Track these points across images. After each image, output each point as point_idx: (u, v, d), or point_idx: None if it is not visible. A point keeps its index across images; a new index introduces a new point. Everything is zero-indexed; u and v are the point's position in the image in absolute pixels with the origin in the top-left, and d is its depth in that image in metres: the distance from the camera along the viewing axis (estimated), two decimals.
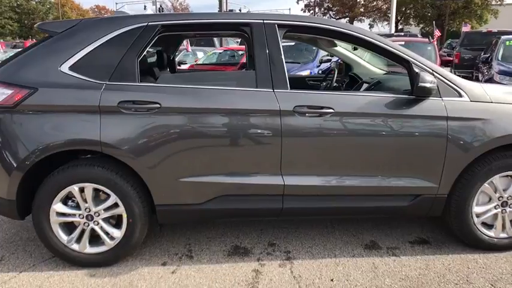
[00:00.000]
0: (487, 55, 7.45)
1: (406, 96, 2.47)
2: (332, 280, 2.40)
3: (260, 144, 2.41)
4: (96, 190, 2.43)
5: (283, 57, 2.45)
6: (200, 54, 11.91)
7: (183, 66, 9.71)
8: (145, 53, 2.60)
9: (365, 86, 3.22)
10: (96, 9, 54.76)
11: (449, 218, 2.69)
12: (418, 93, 2.37)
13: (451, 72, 9.06)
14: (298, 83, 3.98)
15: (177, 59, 10.61)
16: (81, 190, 2.41)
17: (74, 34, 2.42)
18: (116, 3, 39.94)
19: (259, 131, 2.39)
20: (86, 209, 2.44)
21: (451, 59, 8.10)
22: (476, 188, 2.56)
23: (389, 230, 3.01)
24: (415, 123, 2.46)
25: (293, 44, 9.37)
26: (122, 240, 2.49)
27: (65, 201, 2.46)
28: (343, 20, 44.30)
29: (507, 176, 2.60)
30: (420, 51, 7.45)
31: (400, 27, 45.75)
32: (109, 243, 2.49)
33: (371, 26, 45.69)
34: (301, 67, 8.14)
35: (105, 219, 2.49)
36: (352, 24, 42.39)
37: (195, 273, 2.48)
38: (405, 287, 2.34)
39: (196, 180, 2.43)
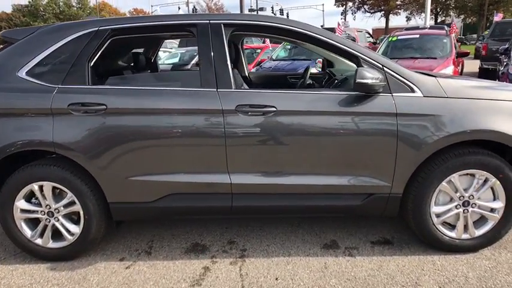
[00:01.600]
0: (506, 46, 7.00)
1: (355, 93, 2.40)
2: (277, 279, 2.40)
3: (205, 144, 2.45)
4: (55, 188, 2.57)
5: (228, 56, 2.47)
6: None
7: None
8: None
9: (335, 82, 3.17)
10: (134, 12, 56.80)
11: (407, 219, 2.60)
12: (358, 90, 2.31)
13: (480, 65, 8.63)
14: (279, 81, 3.99)
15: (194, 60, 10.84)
16: (42, 188, 2.56)
17: (31, 41, 2.57)
18: (152, 6, 41.19)
19: (203, 130, 2.42)
20: (46, 205, 2.59)
21: (468, 51, 7.68)
22: (433, 187, 2.46)
23: (355, 230, 2.95)
24: (363, 120, 2.39)
25: None
26: (80, 236, 2.62)
27: (29, 199, 2.62)
28: (378, 14, 43.06)
29: (467, 174, 2.47)
30: (435, 44, 7.16)
31: (441, 19, 43.84)
32: (69, 239, 2.63)
33: (408, 19, 44.07)
34: (312, 63, 8.04)
35: (65, 216, 2.63)
36: (388, 18, 41.19)
37: (147, 269, 2.57)
38: (350, 287, 2.29)
39: (145, 179, 2.50)
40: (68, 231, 2.63)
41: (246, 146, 2.44)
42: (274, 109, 2.38)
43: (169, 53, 11.93)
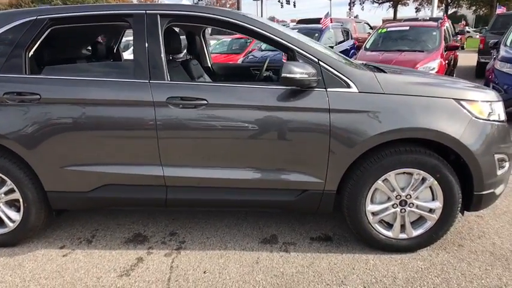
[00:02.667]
0: (496, 40, 6.80)
1: (290, 87, 2.35)
2: (205, 272, 2.40)
3: (138, 136, 2.44)
4: None
5: (162, 48, 2.44)
6: (213, 43, 11.97)
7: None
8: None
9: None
10: (142, 0, 56.56)
11: (345, 216, 2.56)
12: (285, 84, 2.26)
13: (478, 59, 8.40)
14: (241, 73, 3.94)
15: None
16: None
17: None
18: None
19: (135, 122, 2.41)
20: None
21: (458, 44, 7.47)
22: (367, 186, 2.41)
23: (299, 225, 2.93)
24: (295, 115, 2.35)
25: (296, 31, 9.18)
26: (20, 224, 2.65)
27: None
28: (386, 5, 42.21)
29: (404, 173, 2.42)
30: (424, 37, 7.01)
31: (453, 10, 42.84)
32: (10, 226, 2.67)
33: (417, 10, 43.14)
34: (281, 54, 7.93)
35: (6, 203, 2.66)
36: (396, 8, 40.36)
37: (83, 257, 2.59)
38: (274, 283, 2.28)
39: (80, 169, 2.51)
40: (9, 218, 2.66)
41: (177, 139, 2.43)
42: (205, 102, 2.35)
43: (216, 41, 11.56)
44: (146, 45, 2.43)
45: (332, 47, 8.30)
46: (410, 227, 2.50)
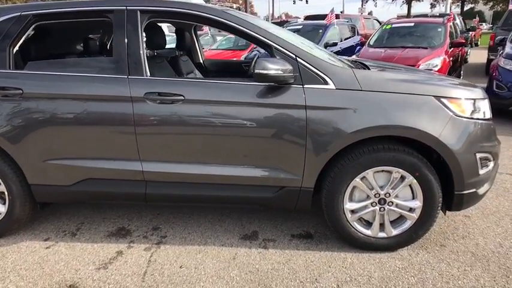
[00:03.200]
0: (503, 36, 6.63)
1: (267, 83, 2.34)
2: (181, 267, 2.42)
3: (117, 131, 2.46)
4: None
5: (141, 43, 2.45)
6: (219, 39, 11.99)
7: None
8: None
9: None
10: None
11: (324, 214, 2.55)
12: (258, 80, 2.25)
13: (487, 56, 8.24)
14: (233, 69, 3.94)
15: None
16: None
17: None
18: None
19: (114, 117, 2.43)
20: None
21: (463, 41, 7.28)
22: (345, 183, 2.39)
23: (282, 222, 2.92)
24: (272, 112, 2.34)
25: (300, 27, 9.13)
26: (5, 216, 2.71)
27: None
28: (400, 1, 41.51)
29: (383, 171, 2.39)
30: (429, 33, 6.89)
31: (469, 6, 41.95)
32: None
33: (432, 6, 42.33)
34: None
35: None
36: (410, 4, 39.68)
37: (65, 250, 2.63)
38: (248, 279, 2.29)
39: (62, 163, 2.55)
40: None
41: (155, 134, 2.44)
42: (182, 97, 2.36)
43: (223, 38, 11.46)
44: (126, 40, 2.44)
45: (336, 44, 8.23)
46: (390, 226, 2.47)
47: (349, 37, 9.60)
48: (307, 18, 14.13)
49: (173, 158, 2.48)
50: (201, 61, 3.94)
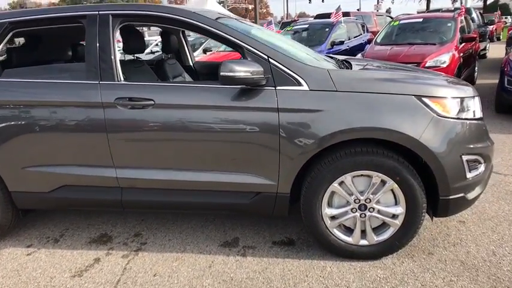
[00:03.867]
0: None
1: (239, 86, 2.26)
2: (155, 275, 2.37)
3: (90, 138, 2.43)
4: None
5: (112, 47, 2.41)
6: None
7: (207, 54, 9.84)
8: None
9: None
10: (177, 2, 57.39)
11: (303, 220, 2.44)
12: (224, 83, 2.17)
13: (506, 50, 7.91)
14: None
15: (202, 47, 10.83)
16: None
17: None
18: None
19: (86, 124, 2.40)
20: None
21: (474, 35, 6.97)
22: (322, 188, 2.28)
23: (265, 228, 2.83)
24: (244, 115, 2.26)
25: (307, 26, 9.00)
26: None
27: None
28: None
29: (362, 175, 2.27)
30: (438, 28, 6.66)
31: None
32: None
33: (454, 0, 41.01)
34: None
35: None
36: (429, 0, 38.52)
37: (45, 257, 2.63)
38: None
39: (39, 170, 2.54)
40: None
41: (127, 140, 2.40)
42: (153, 102, 2.31)
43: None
44: (97, 45, 2.41)
45: (343, 42, 8.06)
46: (372, 233, 2.35)
47: (359, 35, 9.39)
48: (317, 17, 13.94)
49: (146, 164, 2.43)
50: (191, 64, 3.89)
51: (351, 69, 2.58)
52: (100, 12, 2.46)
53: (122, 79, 2.43)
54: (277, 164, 2.27)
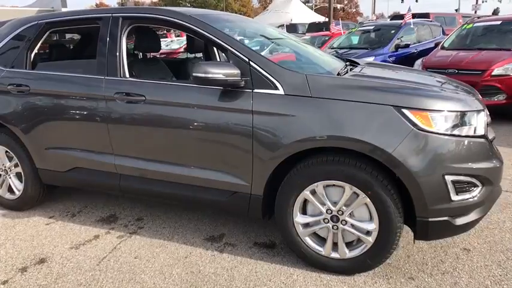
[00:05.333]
0: None
1: (221, 87, 2.33)
2: (136, 258, 2.56)
3: (95, 126, 2.71)
4: (7, 152, 3.18)
5: (119, 46, 2.64)
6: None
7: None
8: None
9: None
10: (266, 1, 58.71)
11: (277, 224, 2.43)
12: (196, 83, 2.25)
13: None
14: None
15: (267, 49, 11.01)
16: None
17: (1, 31, 3.19)
18: None
19: (92, 113, 2.68)
20: (2, 164, 3.23)
21: None
22: (293, 195, 2.25)
23: (253, 228, 2.86)
24: (221, 115, 2.32)
25: (371, 27, 8.61)
26: (22, 193, 3.20)
27: None
28: None
29: (334, 185, 2.18)
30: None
31: None
32: (16, 194, 3.24)
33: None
34: (368, 53, 7.41)
35: (16, 175, 3.23)
36: None
37: (58, 228, 3.00)
38: (184, 280, 2.31)
39: (57, 152, 2.92)
40: (16, 187, 3.24)
41: (123, 131, 2.62)
42: (144, 98, 2.50)
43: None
44: (107, 44, 2.68)
45: (408, 45, 7.54)
46: (344, 247, 2.25)
47: (433, 38, 8.67)
48: (393, 18, 13.19)
49: (137, 154, 2.64)
50: None
51: (330, 75, 2.48)
52: (113, 15, 2.72)
53: (127, 75, 2.66)
54: (250, 165, 2.30)
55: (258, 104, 2.23)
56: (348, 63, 3.04)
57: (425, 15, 10.71)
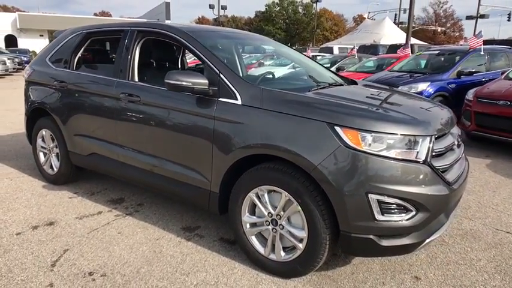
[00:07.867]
0: None
1: (196, 94, 2.68)
2: (119, 233, 3.00)
3: (107, 120, 3.25)
4: (51, 135, 3.92)
5: (131, 54, 3.16)
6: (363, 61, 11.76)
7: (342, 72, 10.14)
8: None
9: None
10: (358, 19, 58.12)
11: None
12: (169, 89, 2.60)
13: None
14: None
15: (336, 65, 11.08)
16: (42, 135, 3.96)
17: (55, 38, 3.98)
18: (369, 12, 41.40)
19: (107, 108, 3.23)
20: (47, 145, 4.00)
21: None
22: (240, 195, 2.49)
23: (228, 225, 3.12)
24: (191, 118, 2.66)
25: (438, 51, 8.20)
26: (58, 170, 3.91)
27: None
28: None
29: (274, 191, 2.37)
30: None
31: None
32: (55, 170, 3.96)
33: None
34: (423, 78, 7.11)
35: (56, 155, 3.96)
36: None
37: (76, 202, 3.60)
38: (145, 256, 2.66)
39: (81, 139, 3.54)
40: (55, 165, 3.96)
41: (126, 125, 3.11)
42: (139, 98, 2.96)
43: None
44: (123, 52, 3.22)
45: (472, 73, 7.04)
46: (280, 250, 2.40)
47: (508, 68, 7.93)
48: (390, 46, 12.94)
49: (135, 146, 3.10)
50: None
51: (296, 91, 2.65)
52: (131, 28, 3.26)
53: (136, 79, 3.16)
54: (210, 165, 2.60)
55: (220, 111, 2.53)
56: (337, 82, 3.18)
57: (508, 42, 9.79)
